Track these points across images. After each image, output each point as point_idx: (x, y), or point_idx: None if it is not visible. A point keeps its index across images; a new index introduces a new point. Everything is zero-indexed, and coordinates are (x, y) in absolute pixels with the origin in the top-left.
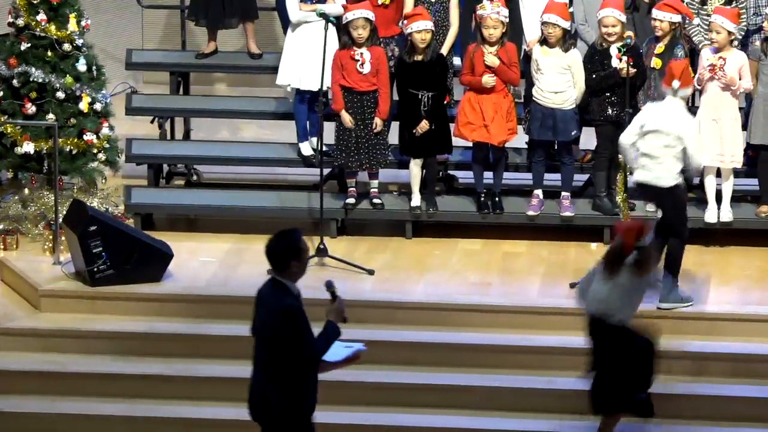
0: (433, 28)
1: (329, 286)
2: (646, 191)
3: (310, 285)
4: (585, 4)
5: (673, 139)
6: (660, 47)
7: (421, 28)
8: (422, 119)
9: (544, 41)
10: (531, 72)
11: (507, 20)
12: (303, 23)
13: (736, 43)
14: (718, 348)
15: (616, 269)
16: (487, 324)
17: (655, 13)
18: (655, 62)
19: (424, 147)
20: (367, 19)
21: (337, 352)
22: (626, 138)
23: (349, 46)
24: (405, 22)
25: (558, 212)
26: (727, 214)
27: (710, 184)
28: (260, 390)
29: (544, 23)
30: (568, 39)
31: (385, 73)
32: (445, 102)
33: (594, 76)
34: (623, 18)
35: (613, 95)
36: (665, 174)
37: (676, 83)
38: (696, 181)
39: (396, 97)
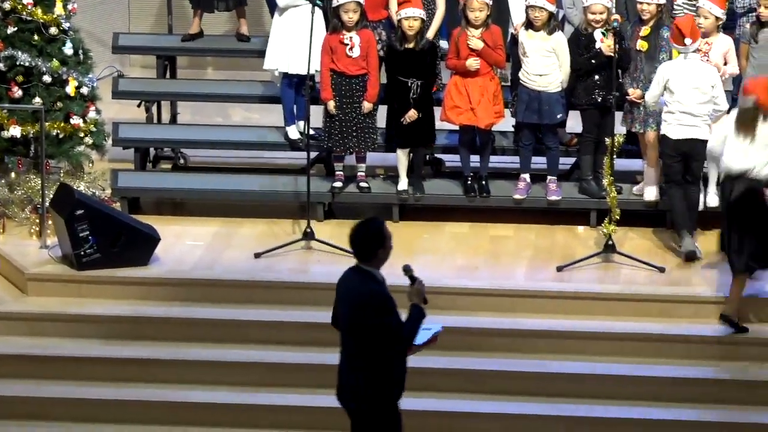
0: (423, 16)
1: (407, 270)
2: (683, 148)
3: (296, 269)
4: None
5: (703, 93)
6: (646, 29)
7: (408, 15)
8: (410, 108)
9: (529, 24)
10: (518, 55)
11: (491, 2)
12: (290, 7)
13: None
14: (706, 331)
15: (754, 127)
16: (474, 307)
17: None
18: (641, 44)
19: (410, 137)
20: (358, 3)
21: (419, 335)
22: (651, 97)
23: (338, 30)
24: (396, 7)
25: (545, 196)
26: (713, 200)
27: (714, 170)
28: (350, 377)
29: (530, 6)
30: (552, 22)
31: (374, 56)
32: (434, 91)
33: (585, 55)
34: (610, 4)
35: (599, 79)
36: (706, 128)
37: (688, 41)
38: None
39: (384, 81)
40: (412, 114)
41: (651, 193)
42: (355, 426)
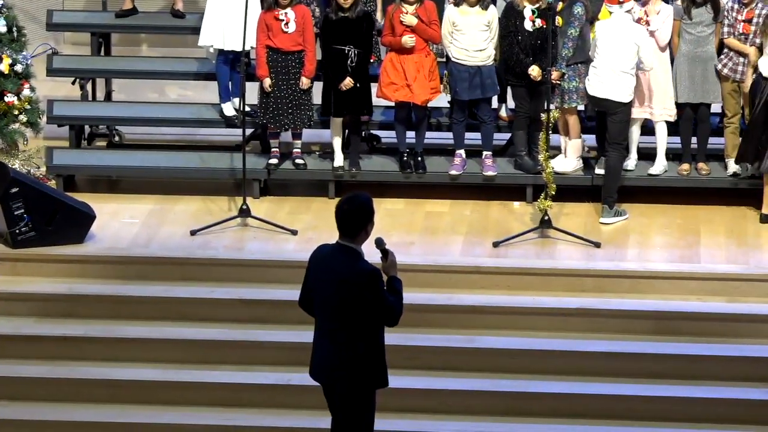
0: None
1: (379, 243)
2: (599, 104)
3: (232, 246)
4: None
5: (627, 52)
6: (560, 5)
7: None
8: (347, 76)
9: (461, 1)
10: (444, 35)
11: None
12: None
13: None
14: (641, 306)
15: None
16: (409, 283)
17: None
18: (558, 20)
19: (347, 105)
20: None
21: None
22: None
23: (273, 7)
24: None
25: (481, 172)
26: (659, 167)
27: (635, 134)
28: (337, 357)
29: None
30: None
31: (311, 32)
32: (372, 61)
33: (507, 32)
34: None
35: (526, 58)
36: (625, 90)
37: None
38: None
39: (320, 57)
40: (348, 82)
41: (569, 164)
42: (338, 404)
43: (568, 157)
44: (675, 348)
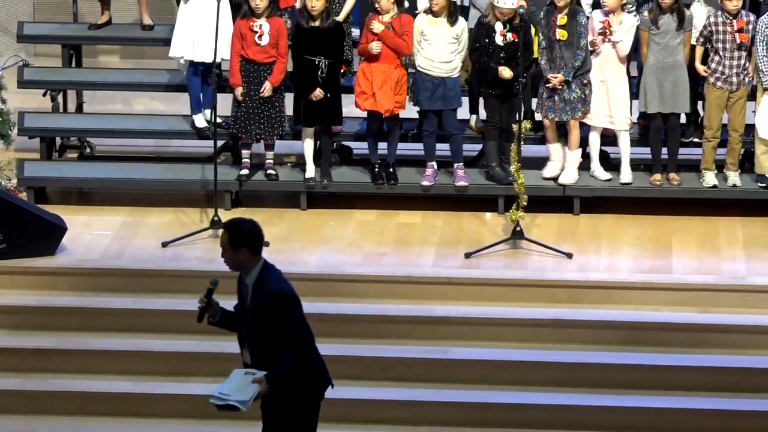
0: None
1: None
2: None
3: (204, 257)
4: None
5: None
6: (563, 18)
7: None
8: (318, 86)
9: (430, 11)
10: (414, 42)
11: None
12: None
13: (630, 7)
14: (613, 316)
15: None
16: (382, 294)
17: None
18: (561, 34)
19: (317, 115)
20: None
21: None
22: None
23: (248, 16)
24: None
25: (452, 182)
26: (627, 176)
27: (594, 143)
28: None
29: None
30: (455, 11)
31: (285, 44)
32: (342, 71)
33: (486, 59)
34: (520, 2)
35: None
36: None
37: None
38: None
39: (291, 68)
40: (318, 93)
41: (570, 176)
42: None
43: (569, 168)
44: (646, 358)
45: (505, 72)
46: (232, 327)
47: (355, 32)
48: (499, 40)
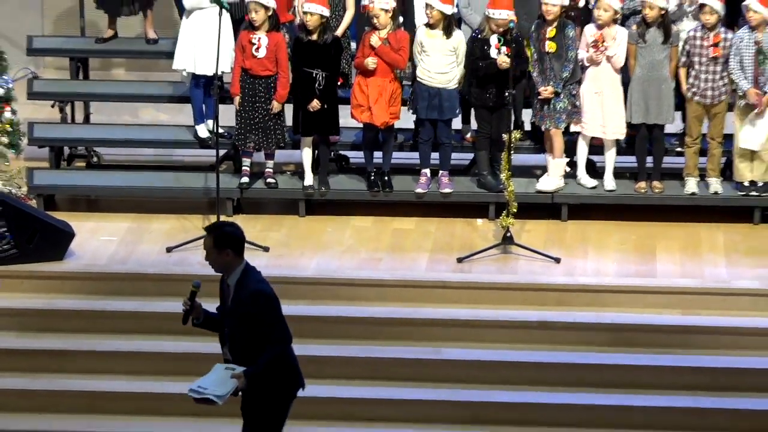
0: (321, 13)
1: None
2: None
3: (203, 262)
4: None
5: None
6: (551, 31)
7: (306, 10)
8: (314, 98)
9: (429, 24)
10: (414, 53)
11: (389, 6)
12: (196, 9)
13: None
14: (599, 318)
15: None
16: (377, 297)
17: None
18: (550, 46)
19: (315, 125)
20: (259, 3)
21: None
22: None
23: (249, 29)
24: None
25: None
26: (610, 183)
27: (582, 151)
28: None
29: (426, 5)
30: (450, 25)
31: (284, 58)
32: (339, 83)
33: (481, 64)
34: (512, 15)
35: (492, 81)
36: None
37: None
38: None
39: (291, 80)
40: (315, 104)
41: (552, 183)
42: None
43: (551, 175)
44: (631, 359)
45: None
46: (215, 328)
47: (353, 46)
48: (493, 52)
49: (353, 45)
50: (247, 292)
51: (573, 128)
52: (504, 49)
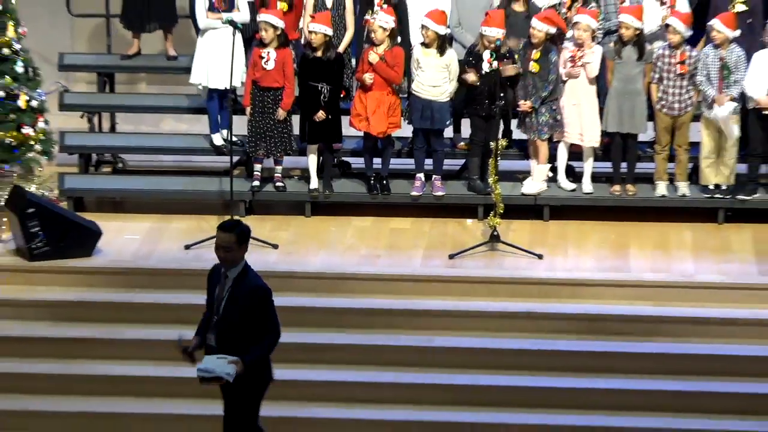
0: (325, 32)
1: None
2: None
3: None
4: (459, 9)
5: None
6: (536, 53)
7: (311, 29)
8: (320, 109)
9: (424, 44)
10: (411, 69)
11: (388, 25)
12: (210, 29)
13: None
14: (578, 309)
15: None
16: (377, 290)
17: (535, 23)
18: (533, 66)
19: (320, 134)
20: (269, 23)
21: (223, 365)
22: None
23: (259, 45)
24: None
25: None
26: (588, 187)
27: (562, 157)
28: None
29: (422, 25)
30: (444, 44)
31: (291, 71)
32: (342, 96)
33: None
34: (503, 33)
35: (485, 93)
36: None
37: None
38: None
39: (297, 93)
40: (320, 114)
41: (535, 187)
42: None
43: (535, 180)
44: (607, 346)
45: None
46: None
47: (353, 62)
48: (485, 67)
49: (353, 61)
50: (250, 285)
51: (556, 138)
52: (495, 64)
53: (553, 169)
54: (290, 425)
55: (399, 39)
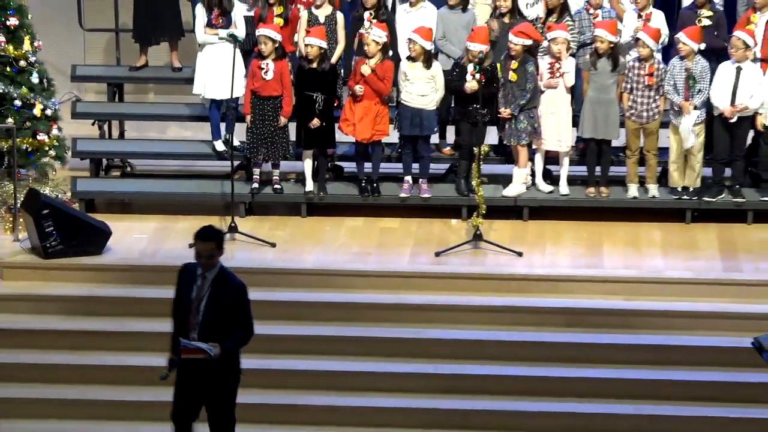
0: (321, 45)
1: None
2: None
3: (223, 256)
4: (444, 24)
5: None
6: (515, 64)
7: (307, 43)
8: (315, 117)
9: (410, 57)
10: (398, 81)
11: (381, 40)
12: (208, 44)
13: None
14: (555, 303)
15: None
16: (367, 286)
17: (512, 37)
18: (512, 76)
19: (315, 140)
20: (267, 37)
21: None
22: None
23: (258, 58)
24: (305, 34)
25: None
26: (564, 189)
27: (539, 162)
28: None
29: (409, 40)
30: (430, 57)
31: (288, 81)
32: (335, 105)
33: (459, 87)
34: (486, 48)
35: (472, 102)
36: None
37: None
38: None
39: (294, 101)
40: (315, 122)
41: (515, 189)
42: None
43: (515, 183)
44: (583, 338)
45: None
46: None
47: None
48: (469, 79)
49: (342, 71)
50: (232, 285)
51: (534, 146)
52: (478, 75)
53: (532, 173)
54: (288, 412)
55: (390, 53)
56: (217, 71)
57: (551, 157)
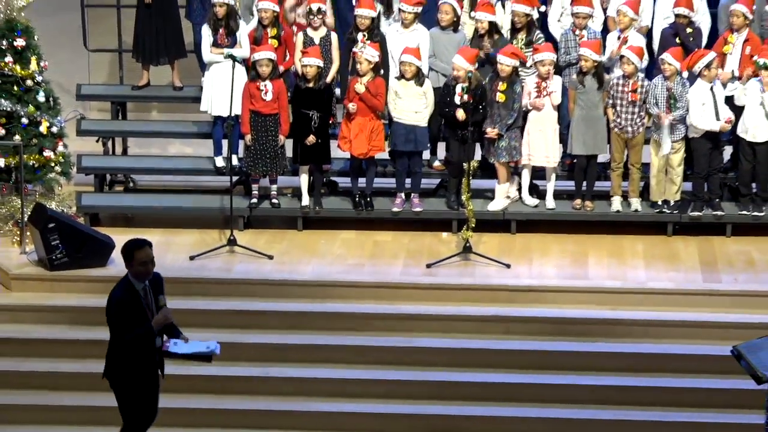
0: (318, 64)
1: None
2: None
3: (223, 268)
4: (434, 44)
5: None
6: (503, 85)
7: (305, 63)
8: (311, 134)
9: (401, 77)
10: (389, 100)
11: (373, 59)
12: (214, 63)
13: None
14: (542, 313)
15: None
16: (361, 296)
17: (502, 58)
18: (500, 96)
19: (311, 156)
20: (269, 59)
21: (190, 345)
22: None
23: (255, 79)
24: (300, 56)
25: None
26: (551, 203)
27: (525, 177)
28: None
29: (401, 62)
30: (421, 75)
31: (285, 100)
32: (330, 122)
33: (447, 110)
34: (469, 66)
35: (461, 122)
36: None
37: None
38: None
39: (291, 119)
40: (311, 139)
41: (498, 204)
42: None
43: (497, 198)
44: (569, 346)
45: (459, 113)
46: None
47: (337, 91)
48: (457, 99)
49: (338, 90)
50: (154, 277)
51: (523, 162)
52: (466, 96)
53: (520, 188)
54: (287, 418)
55: (381, 71)
56: (223, 89)
57: (538, 172)
